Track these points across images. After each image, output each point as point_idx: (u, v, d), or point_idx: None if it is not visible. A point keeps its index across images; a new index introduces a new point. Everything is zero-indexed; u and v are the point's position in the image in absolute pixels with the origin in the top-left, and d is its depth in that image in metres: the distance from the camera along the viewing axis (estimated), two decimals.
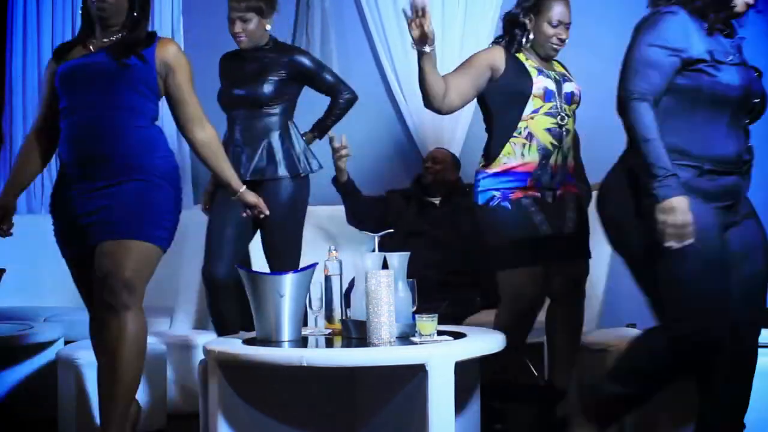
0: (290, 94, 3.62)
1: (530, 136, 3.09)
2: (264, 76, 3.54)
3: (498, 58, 3.12)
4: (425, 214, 4.11)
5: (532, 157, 3.09)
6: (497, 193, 3.10)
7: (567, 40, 3.19)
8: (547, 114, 3.10)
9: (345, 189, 4.02)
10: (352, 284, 2.89)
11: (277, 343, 2.66)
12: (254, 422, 2.70)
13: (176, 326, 3.93)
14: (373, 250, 2.83)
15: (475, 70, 3.09)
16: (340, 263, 2.91)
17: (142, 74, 2.75)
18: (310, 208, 4.42)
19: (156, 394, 3.35)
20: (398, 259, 2.74)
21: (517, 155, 3.09)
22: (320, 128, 3.79)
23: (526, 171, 3.09)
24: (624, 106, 2.38)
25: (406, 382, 2.62)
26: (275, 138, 3.54)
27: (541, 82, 3.11)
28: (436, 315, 2.63)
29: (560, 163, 3.13)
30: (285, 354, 2.57)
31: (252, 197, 3.00)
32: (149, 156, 2.74)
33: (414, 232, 3.99)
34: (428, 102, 3.02)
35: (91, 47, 2.79)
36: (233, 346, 2.63)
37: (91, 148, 2.72)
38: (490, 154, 3.15)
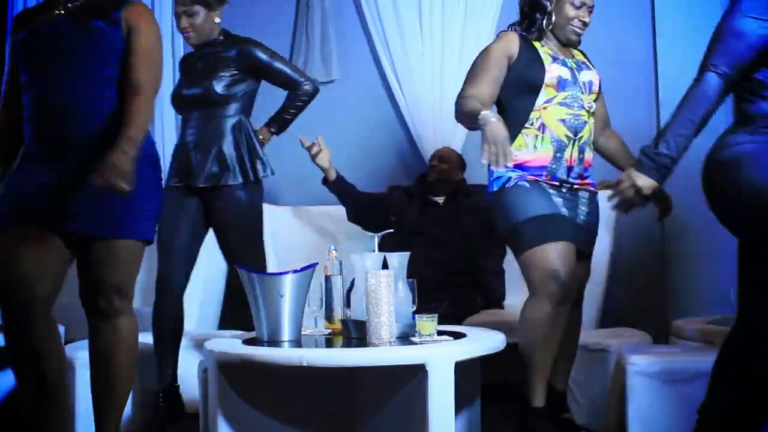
0: (245, 91, 3.39)
1: (543, 127, 2.92)
2: (215, 73, 3.32)
3: (513, 45, 2.97)
4: (428, 213, 4.10)
5: (545, 150, 2.92)
6: (513, 174, 2.91)
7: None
8: (561, 104, 2.93)
9: (337, 187, 4.02)
10: (352, 284, 2.89)
11: (277, 343, 2.66)
12: (254, 422, 2.70)
13: None
14: (373, 250, 2.83)
15: (497, 68, 2.96)
16: (340, 263, 2.91)
17: (110, 39, 2.46)
18: (310, 208, 4.45)
19: (156, 394, 3.35)
20: (398, 259, 2.74)
21: (529, 147, 2.93)
22: (279, 123, 3.54)
23: (540, 165, 2.92)
24: (697, 73, 2.32)
25: (406, 382, 2.62)
26: (228, 142, 3.32)
27: (554, 71, 2.94)
28: (436, 315, 2.63)
29: (576, 157, 2.95)
30: (285, 354, 2.57)
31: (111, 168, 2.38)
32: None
33: (416, 231, 3.99)
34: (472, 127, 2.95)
35: (54, 12, 2.49)
36: (233, 346, 2.63)
37: (56, 127, 2.44)
38: None
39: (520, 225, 2.89)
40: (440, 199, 4.16)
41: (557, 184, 2.94)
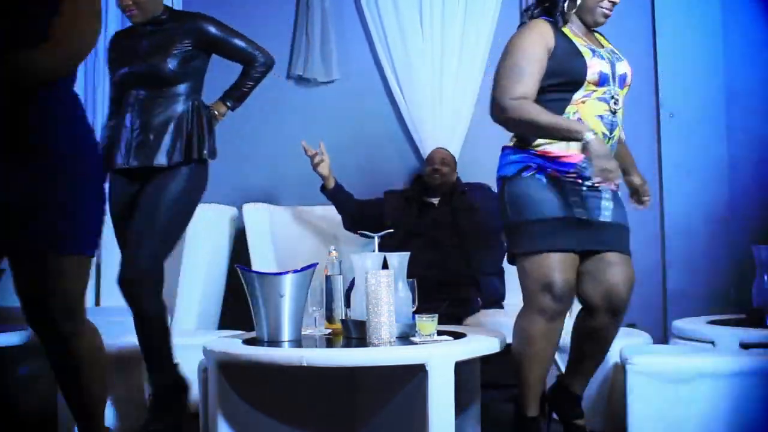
0: (196, 68, 3.20)
1: (580, 122, 2.68)
2: (167, 50, 3.13)
3: (548, 35, 2.72)
4: (424, 215, 4.11)
5: (578, 148, 2.67)
6: (533, 163, 2.72)
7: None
8: (600, 99, 2.72)
9: (335, 196, 4.03)
10: (352, 284, 2.89)
11: (277, 343, 2.66)
12: (254, 422, 2.70)
13: (176, 326, 3.92)
14: (373, 250, 2.83)
15: (539, 64, 2.69)
16: (340, 263, 2.91)
17: None
18: (310, 208, 4.45)
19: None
20: (398, 259, 2.74)
21: (561, 143, 2.70)
22: (235, 97, 3.35)
23: (571, 162, 2.70)
24: None
25: (406, 382, 2.62)
26: (181, 121, 3.12)
27: (596, 66, 2.71)
28: (436, 315, 2.63)
29: None
30: (285, 354, 2.57)
31: None
32: (53, 130, 2.12)
33: (414, 232, 3.99)
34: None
35: None
36: (233, 346, 2.63)
37: None
38: (529, 138, 2.76)
39: (524, 224, 2.72)
40: (435, 200, 4.16)
41: (580, 181, 2.72)
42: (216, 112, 3.30)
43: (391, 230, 3.13)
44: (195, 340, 3.57)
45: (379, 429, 2.84)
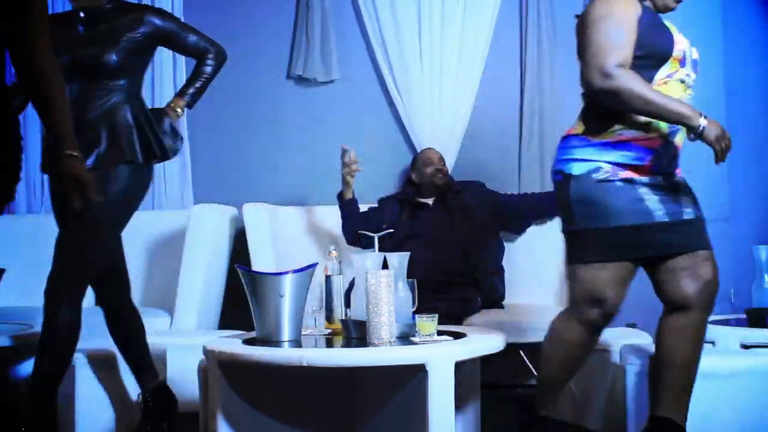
0: (138, 63, 3.01)
1: None
2: (112, 41, 2.92)
3: (636, 4, 2.51)
4: (420, 216, 4.11)
5: (658, 131, 2.49)
6: (607, 167, 2.50)
7: None
8: (681, 81, 2.53)
9: (348, 207, 4.03)
10: (352, 284, 2.89)
11: (277, 343, 2.66)
12: (254, 422, 2.70)
13: (176, 326, 3.93)
14: (373, 250, 2.84)
15: (633, 33, 2.46)
16: (340, 263, 2.91)
17: None
18: (310, 208, 4.45)
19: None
20: (398, 259, 2.74)
21: (641, 127, 2.49)
22: (191, 93, 3.15)
23: (648, 147, 2.50)
24: None
25: (406, 382, 2.62)
26: (121, 118, 2.90)
27: (681, 43, 2.53)
28: (436, 315, 2.63)
29: (681, 143, 2.57)
30: (285, 354, 2.57)
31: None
32: None
33: (411, 234, 4.00)
34: None
35: None
36: (233, 346, 2.62)
37: None
38: (602, 121, 2.53)
39: (591, 232, 2.53)
40: (430, 201, 4.16)
41: (653, 180, 2.53)
42: (175, 110, 3.12)
43: (392, 230, 3.13)
44: (195, 340, 3.57)
45: (379, 429, 2.83)
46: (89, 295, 2.92)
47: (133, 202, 2.95)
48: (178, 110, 3.12)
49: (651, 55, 2.49)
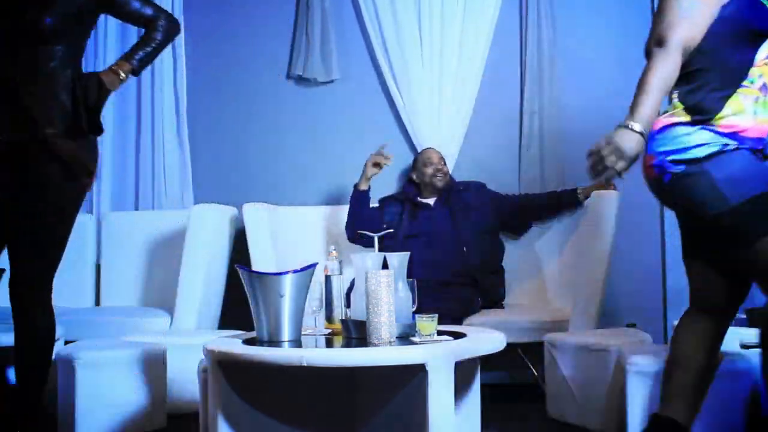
0: (79, 30, 2.83)
1: (765, 88, 2.32)
2: (50, 4, 2.74)
3: None
4: (421, 216, 4.11)
5: (766, 117, 2.32)
6: (731, 142, 2.29)
7: None
8: None
9: (360, 199, 4.05)
10: (352, 284, 2.89)
11: (277, 343, 2.66)
12: (254, 422, 2.70)
13: (176, 326, 3.93)
14: (374, 250, 2.83)
15: (710, 7, 2.31)
16: (340, 263, 2.91)
17: None
18: (310, 208, 4.45)
19: (156, 394, 3.35)
20: (398, 259, 2.74)
21: (747, 113, 2.31)
22: (140, 61, 2.92)
23: (759, 136, 2.32)
24: None
25: (406, 382, 2.62)
26: (59, 87, 2.76)
27: None
28: (436, 315, 2.63)
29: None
30: (285, 354, 2.57)
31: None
32: None
33: (411, 234, 4.00)
34: None
35: None
36: (233, 346, 2.62)
37: None
38: (705, 108, 2.32)
39: (751, 202, 2.25)
40: (431, 201, 4.16)
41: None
42: (118, 72, 2.88)
43: (392, 230, 3.13)
44: (195, 340, 3.57)
45: (379, 429, 2.83)
46: (89, 296, 2.90)
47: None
48: (122, 74, 2.89)
49: (749, 31, 2.31)
